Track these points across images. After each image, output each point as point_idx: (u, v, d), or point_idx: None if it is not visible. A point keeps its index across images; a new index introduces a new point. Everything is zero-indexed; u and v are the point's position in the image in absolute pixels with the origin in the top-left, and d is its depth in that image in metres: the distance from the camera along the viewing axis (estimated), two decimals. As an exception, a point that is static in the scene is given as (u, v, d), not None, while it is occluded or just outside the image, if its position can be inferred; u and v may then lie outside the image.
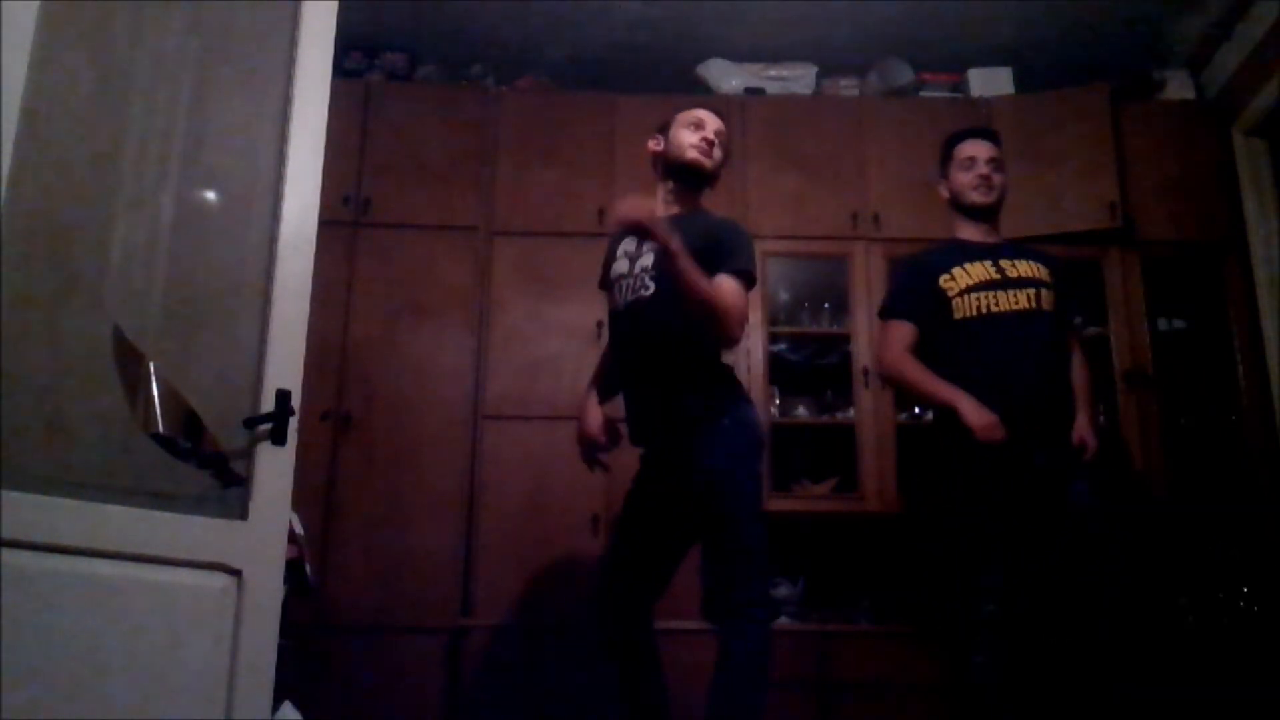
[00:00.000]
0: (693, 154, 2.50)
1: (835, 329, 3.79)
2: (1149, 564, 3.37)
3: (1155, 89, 3.95)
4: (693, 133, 2.52)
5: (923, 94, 4.04)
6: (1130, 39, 4.00)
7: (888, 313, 2.87)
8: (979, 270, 2.75)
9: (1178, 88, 3.96)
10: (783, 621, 3.46)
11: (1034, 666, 2.55)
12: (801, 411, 3.76)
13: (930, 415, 3.68)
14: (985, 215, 2.84)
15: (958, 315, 2.73)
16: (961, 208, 2.87)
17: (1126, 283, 3.67)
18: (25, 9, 1.53)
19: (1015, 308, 2.71)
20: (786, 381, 3.77)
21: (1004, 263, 2.76)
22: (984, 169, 2.82)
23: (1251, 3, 3.63)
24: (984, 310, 2.71)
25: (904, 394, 2.96)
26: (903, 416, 3.64)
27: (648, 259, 2.45)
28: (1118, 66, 3.97)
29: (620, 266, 2.52)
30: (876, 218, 3.76)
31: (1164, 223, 3.72)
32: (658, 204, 2.54)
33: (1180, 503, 3.47)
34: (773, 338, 3.73)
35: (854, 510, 3.56)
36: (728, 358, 2.58)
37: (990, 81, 3.97)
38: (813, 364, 3.79)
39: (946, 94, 4.03)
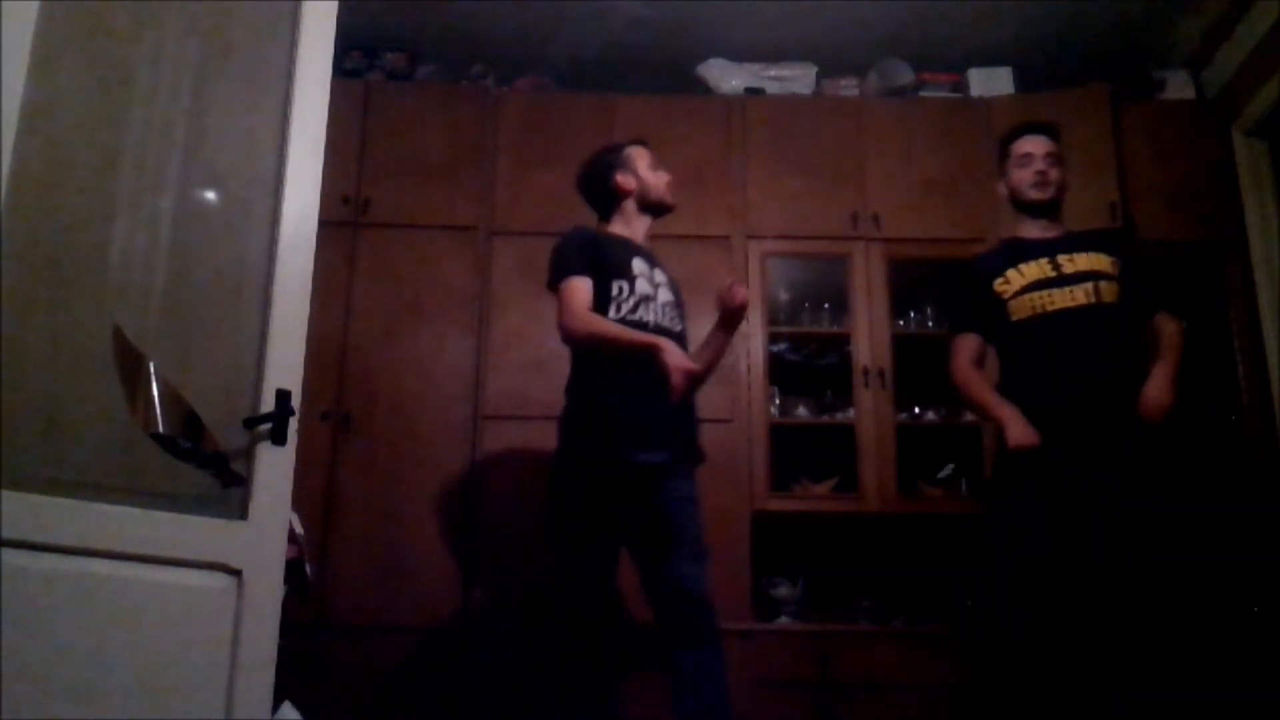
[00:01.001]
0: (671, 198, 2.82)
1: (835, 329, 3.79)
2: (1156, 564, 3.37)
3: (1155, 89, 3.95)
4: (657, 174, 2.81)
5: (923, 94, 4.04)
6: (1130, 39, 4.00)
7: (954, 327, 2.88)
8: (1034, 269, 2.74)
9: (1178, 88, 3.96)
10: (783, 621, 3.47)
11: (1066, 670, 2.54)
12: (801, 411, 3.76)
13: (931, 415, 3.70)
14: (1045, 211, 2.81)
15: (1014, 317, 2.73)
16: (1020, 205, 2.85)
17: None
18: (25, 9, 1.53)
19: (1072, 304, 2.68)
20: (786, 381, 3.77)
21: (1061, 258, 2.74)
22: (1041, 165, 2.79)
23: (1251, 3, 3.62)
24: (1039, 309, 2.70)
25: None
26: (903, 416, 3.64)
27: (667, 295, 2.71)
28: (1118, 66, 3.97)
29: (643, 286, 2.67)
30: (876, 218, 3.76)
31: (1164, 223, 3.72)
32: (637, 234, 2.77)
33: (1180, 503, 3.47)
34: (773, 338, 3.73)
35: (854, 510, 3.56)
36: None
37: (990, 81, 3.97)
38: (812, 364, 3.79)
39: (946, 94, 4.03)
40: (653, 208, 2.80)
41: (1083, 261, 2.73)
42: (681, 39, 4.05)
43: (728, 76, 4.04)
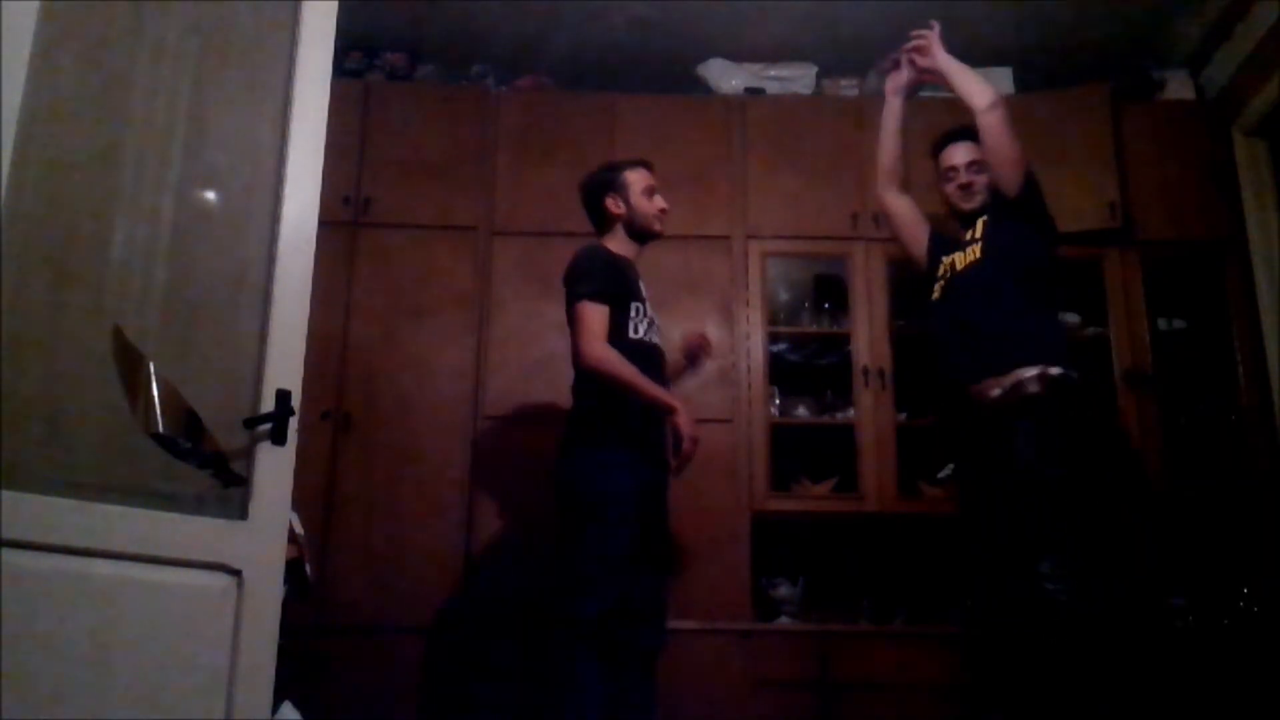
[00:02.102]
0: (658, 226, 2.85)
1: (835, 329, 3.79)
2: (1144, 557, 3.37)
3: (1155, 89, 3.95)
4: (650, 199, 2.84)
5: (923, 94, 4.02)
6: (1130, 39, 4.00)
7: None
8: (947, 261, 2.89)
9: (1178, 88, 3.95)
10: (783, 621, 3.47)
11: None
12: (801, 411, 3.76)
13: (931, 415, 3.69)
14: (974, 217, 2.88)
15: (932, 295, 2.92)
16: (955, 215, 2.94)
17: (1126, 283, 3.67)
18: (25, 9, 1.53)
19: (935, 296, 2.88)
20: (786, 381, 3.76)
21: (957, 254, 2.87)
22: (964, 177, 2.89)
23: (1251, 3, 3.62)
24: (934, 296, 2.91)
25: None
26: (903, 416, 3.64)
27: (652, 311, 2.80)
28: (1118, 66, 3.97)
29: (649, 308, 2.79)
30: (876, 218, 3.75)
31: (1164, 223, 3.72)
32: (629, 255, 2.84)
33: (1180, 502, 3.47)
34: (773, 338, 3.73)
35: (854, 510, 3.56)
36: None
37: (990, 82, 3.95)
38: (813, 364, 3.79)
39: (946, 94, 4.01)
40: (639, 235, 2.84)
41: (970, 248, 2.84)
42: (681, 39, 4.05)
43: (728, 76, 4.04)
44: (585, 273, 2.69)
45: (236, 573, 1.68)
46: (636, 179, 2.84)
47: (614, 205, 2.83)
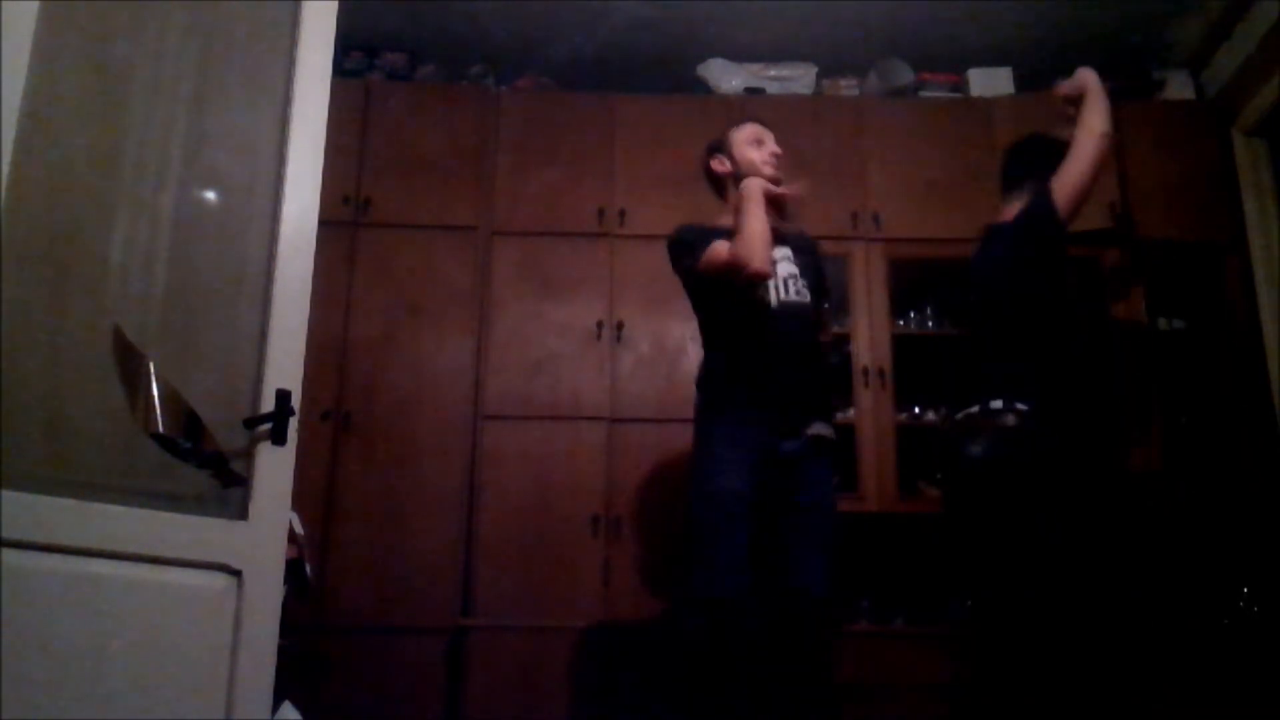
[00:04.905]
0: (769, 170, 2.68)
1: (835, 329, 3.78)
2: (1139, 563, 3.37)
3: (1155, 89, 3.96)
4: (758, 149, 2.70)
5: (923, 94, 4.04)
6: (1130, 39, 4.00)
7: None
8: None
9: (1178, 88, 3.96)
10: (783, 621, 3.47)
11: None
12: (801, 411, 3.75)
13: (931, 415, 3.67)
14: None
15: None
16: None
17: (1126, 283, 3.67)
18: (25, 9, 1.53)
19: None
20: (786, 381, 3.76)
21: None
22: None
23: (1251, 3, 3.63)
24: None
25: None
26: (903, 416, 3.64)
27: (789, 267, 2.64)
28: (1118, 66, 3.96)
29: (777, 269, 2.63)
30: (876, 217, 3.76)
31: (1164, 223, 3.72)
32: (726, 217, 2.68)
33: (1179, 502, 3.47)
34: (773, 338, 3.72)
35: (854, 510, 3.55)
36: None
37: (990, 81, 3.97)
38: (813, 364, 3.78)
39: (946, 94, 4.03)
40: None
41: None
42: (681, 39, 4.05)
43: (728, 76, 4.04)
44: (683, 241, 2.67)
45: (236, 573, 1.68)
46: (742, 134, 2.75)
47: (718, 165, 2.75)
